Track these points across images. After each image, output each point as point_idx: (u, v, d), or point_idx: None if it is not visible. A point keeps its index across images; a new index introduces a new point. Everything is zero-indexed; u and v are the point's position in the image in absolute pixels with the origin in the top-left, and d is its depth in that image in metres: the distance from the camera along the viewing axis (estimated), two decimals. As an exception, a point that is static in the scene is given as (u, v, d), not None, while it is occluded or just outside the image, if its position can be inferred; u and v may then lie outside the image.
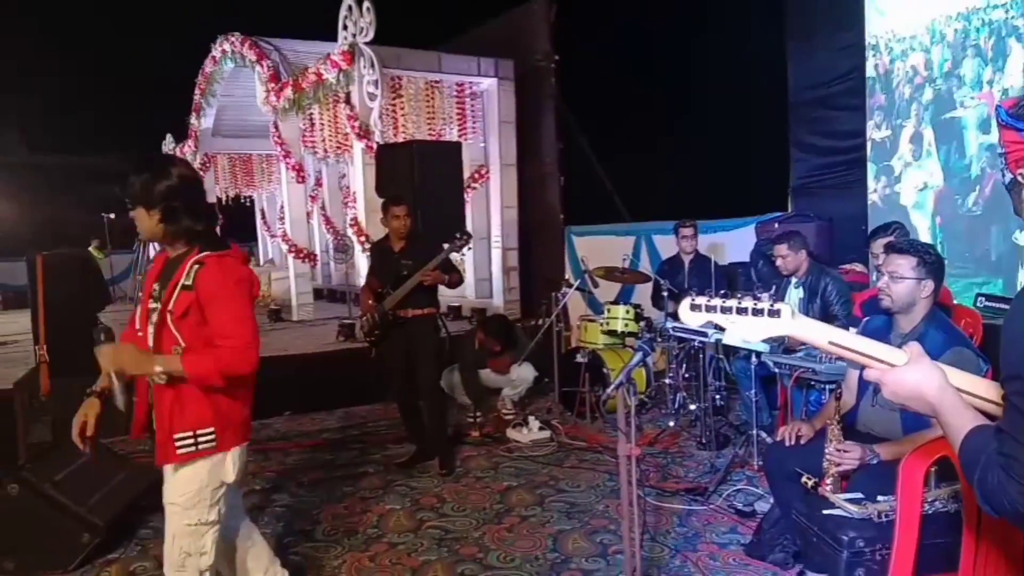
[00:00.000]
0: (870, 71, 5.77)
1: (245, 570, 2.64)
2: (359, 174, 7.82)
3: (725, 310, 1.40)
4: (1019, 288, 3.88)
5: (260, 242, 16.10)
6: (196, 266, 2.19)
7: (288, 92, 8.63)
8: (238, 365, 2.17)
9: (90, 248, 13.18)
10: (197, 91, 11.72)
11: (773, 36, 6.78)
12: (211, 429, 2.22)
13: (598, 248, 7.77)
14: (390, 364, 4.70)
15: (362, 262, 7.83)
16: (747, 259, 6.20)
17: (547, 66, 8.63)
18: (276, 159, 10.64)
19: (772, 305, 1.37)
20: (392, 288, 4.44)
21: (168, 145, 14.09)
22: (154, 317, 2.21)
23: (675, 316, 5.39)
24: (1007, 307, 1.12)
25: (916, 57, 5.37)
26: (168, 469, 2.27)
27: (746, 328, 1.39)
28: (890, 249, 2.81)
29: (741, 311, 1.38)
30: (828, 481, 2.60)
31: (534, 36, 8.69)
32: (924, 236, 5.33)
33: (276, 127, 9.21)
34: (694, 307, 1.43)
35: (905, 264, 2.64)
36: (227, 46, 9.92)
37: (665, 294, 5.56)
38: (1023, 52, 4.64)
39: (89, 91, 16.87)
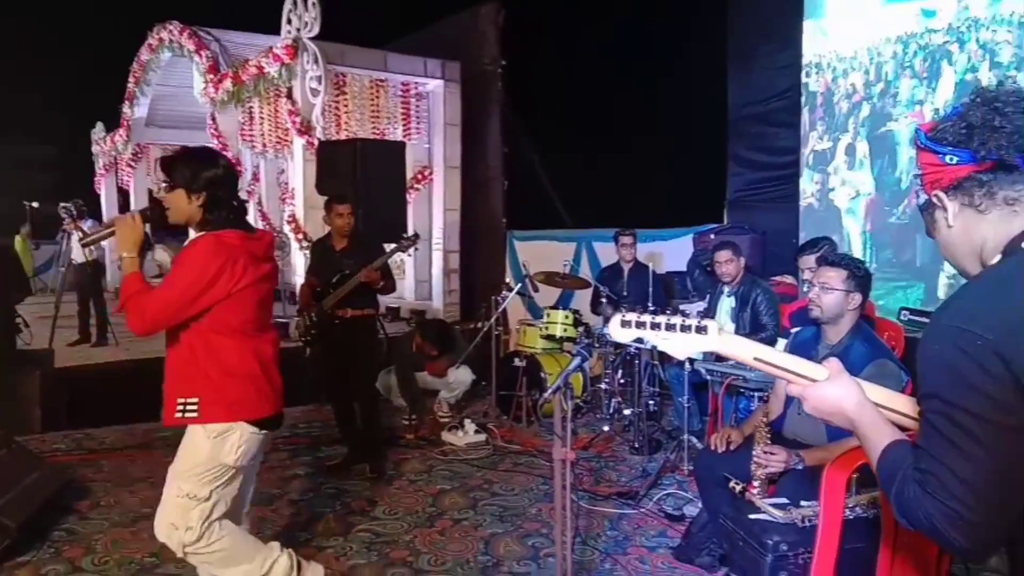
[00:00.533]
0: (813, 87, 6.00)
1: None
2: (299, 170, 7.67)
3: (654, 326, 1.42)
4: (942, 298, 4.06)
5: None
6: (186, 245, 2.37)
7: (227, 84, 8.42)
8: (133, 314, 2.28)
9: (17, 237, 12.60)
10: (131, 79, 11.33)
11: (715, 53, 6.94)
12: (195, 399, 2.33)
13: (539, 253, 7.81)
14: (326, 365, 4.61)
15: (299, 260, 7.68)
16: (684, 268, 6.33)
17: (494, 70, 8.64)
18: (213, 152, 10.34)
19: (699, 322, 1.39)
20: (333, 287, 4.37)
21: (98, 134, 13.54)
22: (119, 277, 2.43)
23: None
24: (928, 321, 1.17)
25: (856, 76, 5.63)
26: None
27: (674, 344, 1.41)
28: (822, 262, 2.91)
29: (669, 327, 1.40)
30: (755, 485, 2.66)
31: (482, 40, 8.69)
32: (855, 241, 5.57)
33: (213, 119, 8.98)
34: (624, 323, 1.44)
35: (835, 276, 2.74)
36: (165, 34, 9.63)
37: (604, 300, 5.63)
38: (954, 75, 4.92)
39: (14, 76, 16.10)
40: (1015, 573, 1.17)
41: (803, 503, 2.45)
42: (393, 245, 4.54)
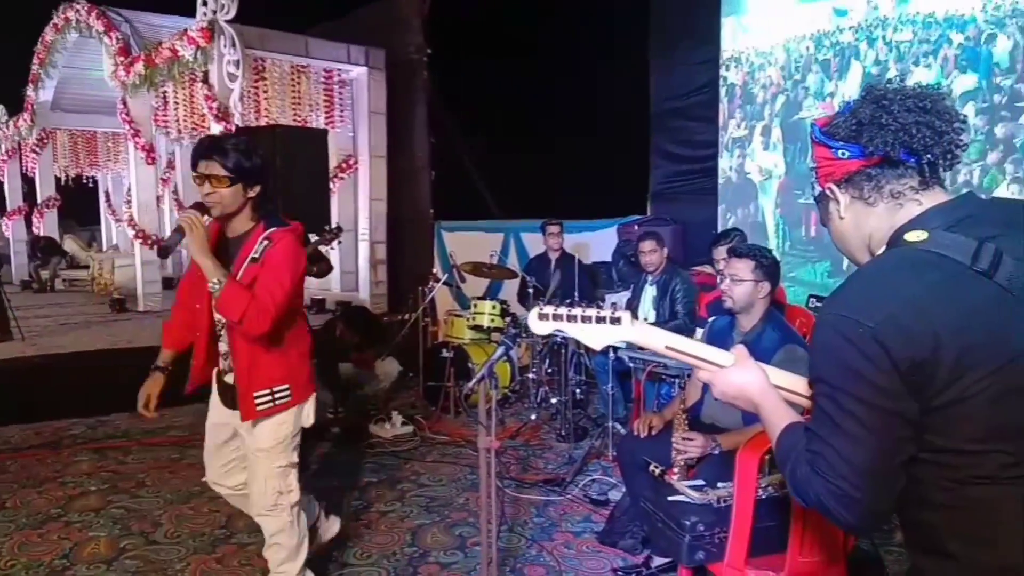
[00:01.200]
0: (732, 79, 6.22)
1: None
2: (216, 158, 7.41)
3: (571, 319, 1.46)
4: (847, 272, 4.27)
5: (103, 226, 14.92)
6: (265, 242, 2.37)
7: (139, 67, 8.04)
8: (254, 319, 2.31)
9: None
10: (35, 60, 10.70)
11: (639, 47, 7.06)
12: (286, 386, 2.50)
13: (467, 244, 7.80)
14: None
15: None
16: (609, 259, 6.44)
17: (419, 59, 8.54)
18: (124, 138, 9.89)
19: (613, 313, 1.43)
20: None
21: (0, 118, 12.75)
22: (217, 291, 2.30)
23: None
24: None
25: (772, 70, 5.91)
26: (247, 424, 2.49)
27: (590, 335, 1.45)
28: (731, 254, 3.01)
29: (585, 319, 1.45)
30: (676, 470, 2.74)
31: (407, 28, 8.58)
32: (769, 219, 5.88)
33: (124, 104, 8.56)
34: (542, 316, 1.48)
35: (743, 267, 2.84)
36: (71, 14, 9.12)
37: (531, 291, 5.67)
38: (862, 70, 5.24)
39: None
40: (909, 530, 1.24)
41: (719, 484, 2.54)
42: (315, 237, 4.44)
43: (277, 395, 2.48)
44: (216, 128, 7.26)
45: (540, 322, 1.48)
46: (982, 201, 1.21)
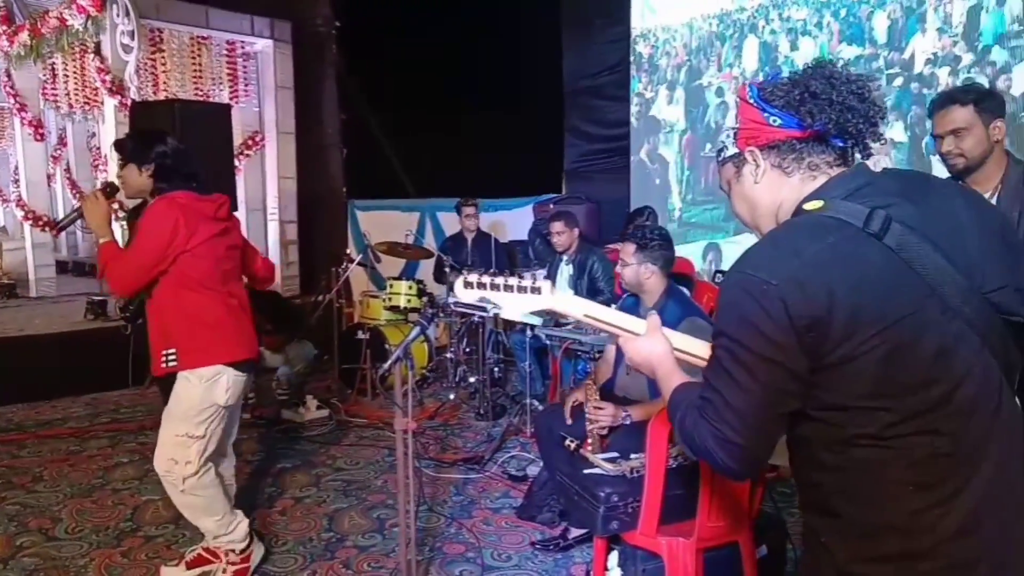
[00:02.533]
0: (642, 51, 6.51)
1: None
2: (111, 133, 6.99)
3: (494, 287, 1.51)
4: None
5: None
6: (144, 210, 2.66)
7: (24, 37, 7.47)
8: (113, 278, 2.62)
9: None
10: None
11: (553, 24, 7.06)
12: (173, 349, 2.65)
13: (383, 223, 7.66)
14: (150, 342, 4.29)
15: (116, 232, 7.04)
16: (526, 237, 6.47)
17: (328, 32, 8.28)
18: (9, 112, 9.22)
19: (534, 283, 1.49)
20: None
21: None
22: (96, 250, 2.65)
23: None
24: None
25: (677, 44, 6.28)
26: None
27: (512, 304, 1.51)
28: (622, 237, 3.12)
29: (508, 288, 1.50)
30: (590, 441, 2.79)
31: (314, -1, 8.31)
32: (674, 169, 6.31)
33: (9, 76, 7.96)
34: (467, 284, 1.53)
35: (627, 250, 2.95)
36: (-57, -24, 8.38)
37: (447, 270, 5.64)
38: (757, 45, 5.71)
39: None
40: (803, 490, 1.30)
41: (632, 456, 2.61)
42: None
43: (168, 357, 2.66)
44: (110, 103, 6.86)
45: (466, 290, 1.53)
46: (875, 173, 1.25)
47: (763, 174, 1.28)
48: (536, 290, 1.49)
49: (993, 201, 2.32)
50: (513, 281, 1.50)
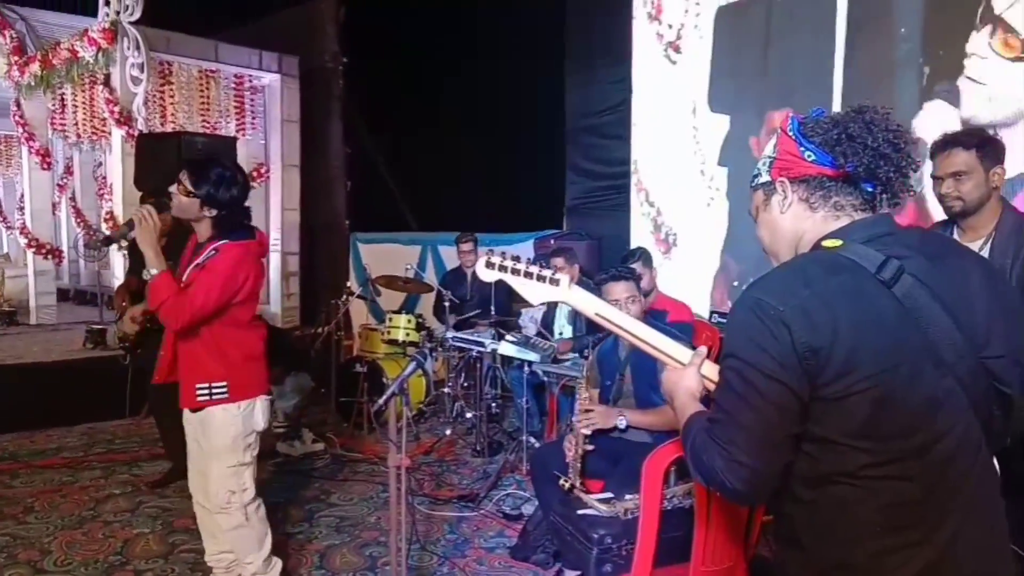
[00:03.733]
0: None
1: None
2: (117, 163, 7.08)
3: (514, 271, 1.56)
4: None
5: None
6: (213, 252, 2.60)
7: (35, 68, 7.63)
8: (172, 313, 2.55)
9: None
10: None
11: (557, 62, 7.16)
12: (224, 383, 2.65)
13: (384, 256, 7.69)
14: (150, 373, 4.28)
15: (117, 261, 7.09)
16: (525, 272, 6.46)
17: (335, 67, 8.42)
18: (17, 141, 9.33)
19: (553, 274, 1.54)
20: (153, 289, 4.06)
21: None
22: (149, 279, 2.61)
23: (457, 326, 5.49)
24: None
25: None
26: (197, 417, 2.71)
27: (530, 290, 1.56)
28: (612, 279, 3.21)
29: (528, 275, 1.55)
30: (570, 474, 2.76)
31: (321, 35, 8.45)
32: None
33: (18, 105, 8.10)
34: (489, 264, 1.58)
35: (629, 289, 3.09)
36: (-42, 8, 8.56)
37: (447, 304, 5.64)
38: None
39: None
40: (776, 521, 1.32)
41: (627, 496, 2.58)
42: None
43: (215, 390, 2.65)
44: (117, 133, 6.95)
45: (487, 270, 1.58)
46: (898, 225, 1.29)
47: (790, 205, 1.32)
48: (555, 281, 1.54)
49: (987, 248, 2.34)
50: (534, 268, 1.55)
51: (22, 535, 3.58)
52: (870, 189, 1.27)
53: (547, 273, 1.53)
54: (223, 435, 2.69)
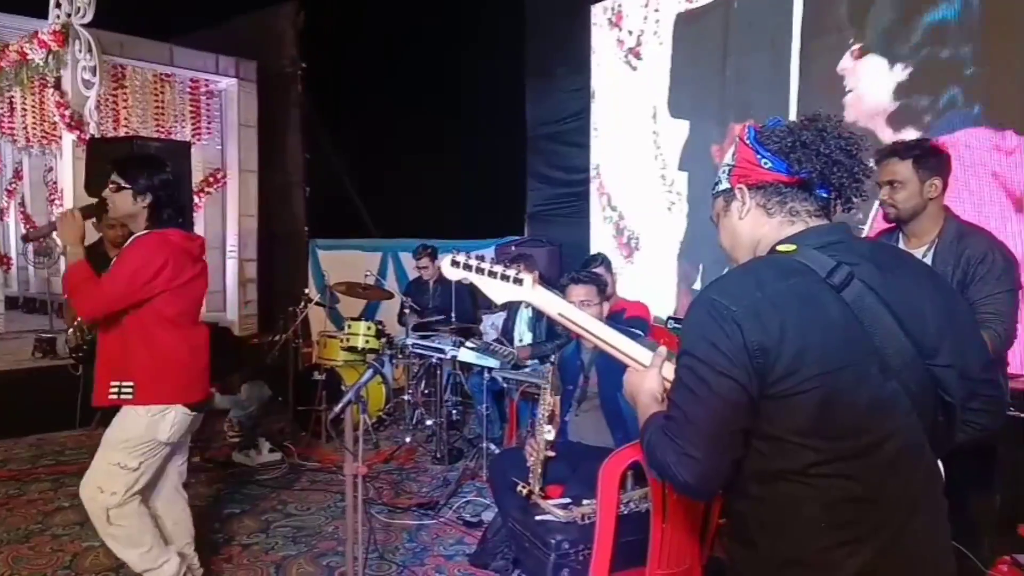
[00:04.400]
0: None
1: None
2: (68, 168, 6.91)
3: (479, 270, 1.57)
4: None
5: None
6: (130, 243, 2.60)
7: (-19, 69, 7.42)
8: (81, 300, 2.55)
9: None
10: None
11: (517, 70, 7.20)
12: (131, 383, 2.58)
13: (345, 263, 7.63)
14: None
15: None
16: (486, 279, 6.47)
17: (293, 72, 8.34)
18: (-38, 144, 9.06)
19: (517, 274, 1.55)
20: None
21: None
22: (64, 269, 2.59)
23: (416, 328, 5.48)
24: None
25: None
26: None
27: (494, 289, 1.57)
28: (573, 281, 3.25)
29: (492, 274, 1.56)
30: (531, 480, 2.77)
31: (280, 40, 8.36)
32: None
33: (-35, 107, 7.86)
34: (454, 263, 1.58)
35: (590, 292, 3.12)
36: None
37: (407, 311, 5.62)
38: None
39: None
40: (730, 521, 1.36)
41: (584, 501, 2.60)
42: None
43: (122, 389, 2.59)
44: (68, 138, 6.80)
45: (452, 268, 1.59)
46: (852, 235, 1.34)
47: (748, 211, 1.36)
48: (519, 281, 1.55)
49: (930, 254, 2.42)
50: (498, 268, 1.56)
51: (-36, 551, 3.47)
52: (824, 195, 1.31)
53: (511, 272, 1.55)
54: (120, 430, 2.62)
